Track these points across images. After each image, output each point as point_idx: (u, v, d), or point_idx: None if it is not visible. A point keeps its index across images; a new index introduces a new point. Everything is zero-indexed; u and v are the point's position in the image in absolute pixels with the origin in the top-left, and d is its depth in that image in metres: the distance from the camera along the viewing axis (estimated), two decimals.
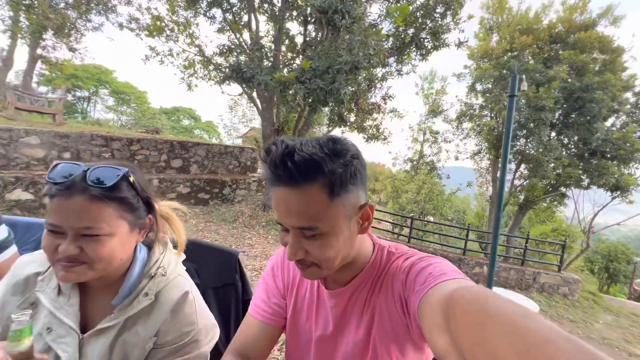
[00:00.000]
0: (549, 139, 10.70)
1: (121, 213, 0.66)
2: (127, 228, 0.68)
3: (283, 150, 0.51)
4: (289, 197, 0.53)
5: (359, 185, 0.57)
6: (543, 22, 11.79)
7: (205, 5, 6.81)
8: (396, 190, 16.36)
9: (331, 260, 0.58)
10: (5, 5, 9.84)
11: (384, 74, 7.11)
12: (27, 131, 6.33)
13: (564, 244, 8.87)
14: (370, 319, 0.64)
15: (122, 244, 0.68)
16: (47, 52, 10.56)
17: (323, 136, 0.56)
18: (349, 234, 0.58)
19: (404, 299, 0.57)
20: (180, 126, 32.38)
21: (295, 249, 0.57)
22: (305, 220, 0.54)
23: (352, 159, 0.55)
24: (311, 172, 0.51)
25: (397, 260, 0.65)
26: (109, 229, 0.64)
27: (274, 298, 0.80)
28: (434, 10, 5.90)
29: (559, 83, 10.05)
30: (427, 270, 0.54)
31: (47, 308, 0.69)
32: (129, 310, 0.70)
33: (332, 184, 0.52)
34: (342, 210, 0.55)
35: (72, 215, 0.61)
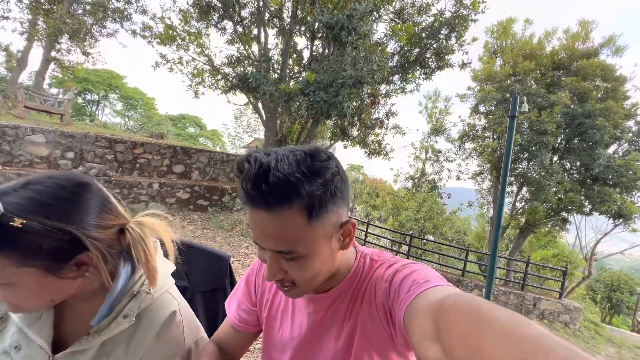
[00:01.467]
0: (551, 163, 10.72)
1: (20, 262, 0.52)
2: (39, 274, 0.54)
3: (257, 170, 0.47)
4: (264, 220, 0.49)
5: (339, 204, 0.54)
6: (546, 49, 12.05)
7: (217, 17, 7.03)
8: (397, 207, 16.28)
9: (311, 280, 0.56)
10: (25, 8, 10.22)
11: (387, 91, 7.23)
12: (33, 129, 6.43)
13: (565, 270, 8.72)
14: (352, 329, 0.62)
15: (35, 291, 0.56)
16: (61, 55, 10.86)
17: (301, 149, 0.51)
18: (329, 252, 0.56)
19: (388, 308, 0.55)
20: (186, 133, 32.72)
21: (274, 270, 0.54)
22: (282, 244, 0.51)
23: (332, 177, 0.51)
24: (287, 195, 0.47)
25: (380, 268, 0.63)
26: (8, 279, 0.53)
27: (243, 305, 0.80)
28: (438, 32, 6.05)
29: (561, 108, 10.16)
30: (411, 278, 0.52)
31: (17, 325, 0.62)
32: (106, 332, 0.61)
33: (311, 207, 0.49)
34: (321, 232, 0.52)
35: None
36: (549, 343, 0.25)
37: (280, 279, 0.56)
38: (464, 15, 5.84)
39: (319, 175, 0.49)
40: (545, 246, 16.33)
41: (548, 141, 9.97)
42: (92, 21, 10.88)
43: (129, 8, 10.91)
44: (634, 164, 10.28)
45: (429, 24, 6.34)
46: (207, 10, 6.79)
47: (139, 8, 10.67)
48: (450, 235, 17.72)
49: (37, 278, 0.54)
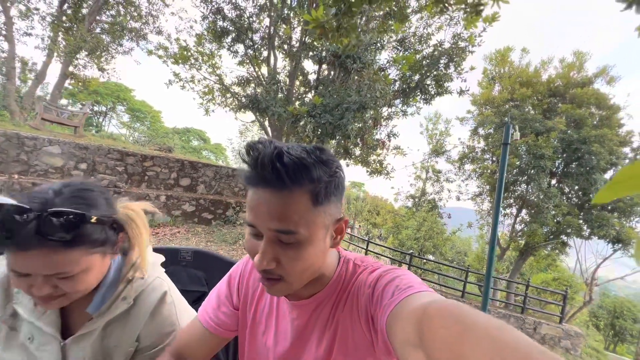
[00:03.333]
0: (549, 186, 10.91)
1: (90, 250, 0.63)
2: (99, 258, 0.66)
3: (272, 151, 0.49)
4: (273, 199, 0.50)
5: (339, 197, 0.56)
6: (542, 77, 12.52)
7: (229, 40, 7.48)
8: (397, 225, 16.35)
9: (301, 273, 0.56)
10: (47, 26, 10.81)
11: (389, 113, 7.56)
12: (50, 141, 6.72)
13: (566, 294, 8.70)
14: (332, 336, 0.61)
15: (97, 272, 0.66)
16: (77, 70, 11.37)
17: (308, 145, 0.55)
18: (323, 246, 0.56)
19: (370, 315, 0.55)
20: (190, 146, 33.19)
21: (267, 256, 0.53)
22: (286, 223, 0.51)
23: (337, 170, 0.54)
24: (300, 176, 0.49)
25: (363, 273, 0.62)
26: (80, 268, 0.61)
27: (224, 307, 0.77)
28: (438, 61, 6.44)
29: (558, 133, 10.47)
30: (394, 284, 0.52)
31: (26, 319, 0.69)
32: (107, 314, 0.69)
33: (318, 192, 0.51)
34: (322, 220, 0.54)
35: (37, 266, 0.57)
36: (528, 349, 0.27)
37: (269, 269, 0.54)
38: (462, 47, 6.25)
39: (327, 165, 0.53)
40: (545, 269, 16.23)
41: (545, 165, 10.21)
42: (110, 39, 11.46)
43: (145, 28, 11.52)
44: None
45: (429, 53, 6.75)
46: (221, 34, 7.24)
47: (155, 29, 11.26)
48: (451, 255, 17.67)
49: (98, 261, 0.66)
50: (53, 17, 10.70)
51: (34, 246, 0.55)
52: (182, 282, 1.50)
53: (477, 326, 0.31)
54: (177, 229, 7.46)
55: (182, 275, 1.54)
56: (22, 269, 0.57)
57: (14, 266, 0.57)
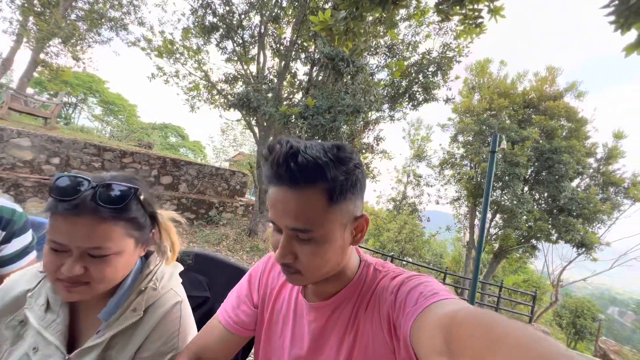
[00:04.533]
0: (522, 193, 11.52)
1: (129, 232, 0.65)
2: (133, 245, 0.67)
3: (287, 150, 0.51)
4: (288, 197, 0.52)
5: (357, 195, 0.56)
6: (518, 89, 13.23)
7: (218, 36, 7.29)
8: (378, 228, 16.61)
9: (318, 268, 0.57)
10: (16, 9, 10.06)
11: (377, 118, 7.68)
12: (19, 132, 6.24)
13: (535, 295, 9.17)
14: (352, 341, 0.60)
15: (126, 261, 0.67)
16: (49, 58, 10.66)
17: (328, 142, 0.56)
18: (341, 243, 0.56)
19: (393, 321, 0.53)
20: (167, 142, 32.06)
21: (286, 251, 0.55)
22: (301, 222, 0.52)
23: (354, 168, 0.54)
24: (313, 175, 0.51)
25: (384, 279, 0.61)
26: (116, 249, 0.62)
27: (244, 305, 0.77)
28: (426, 68, 6.62)
29: (531, 143, 11.09)
30: (418, 290, 0.51)
31: (35, 327, 0.67)
32: (116, 326, 0.67)
33: (332, 190, 0.52)
34: (339, 218, 0.54)
35: (80, 236, 0.58)
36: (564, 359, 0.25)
37: (288, 263, 0.56)
38: (450, 57, 6.47)
39: (343, 163, 0.53)
40: (516, 271, 17.06)
41: (520, 172, 10.78)
42: (87, 27, 10.85)
43: (126, 18, 11.01)
44: (594, 198, 11.26)
45: (418, 60, 6.93)
46: (209, 30, 7.05)
47: (136, 19, 10.79)
48: (429, 257, 18.17)
49: (131, 248, 0.67)
50: (23, 0, 9.97)
51: (86, 212, 0.58)
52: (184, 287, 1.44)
53: (509, 336, 0.30)
54: (185, 223, 7.17)
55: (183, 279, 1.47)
56: (65, 238, 0.58)
57: (56, 235, 0.59)
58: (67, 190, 0.59)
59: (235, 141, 21.84)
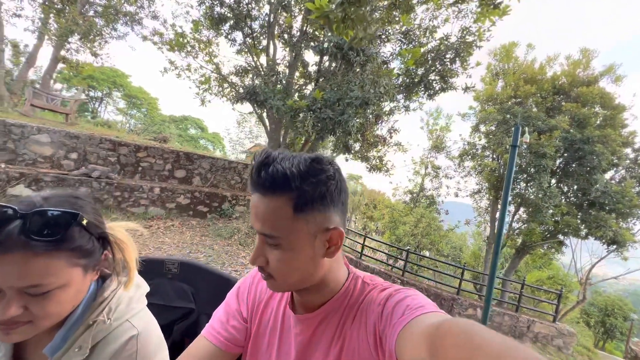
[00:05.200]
0: (549, 186, 10.83)
1: (73, 261, 0.56)
2: (81, 274, 0.58)
3: (262, 160, 0.54)
4: (259, 203, 0.55)
5: (329, 208, 0.57)
6: (547, 74, 12.29)
7: (227, 28, 7.17)
8: (394, 221, 16.30)
9: (286, 275, 0.58)
10: (37, 7, 10.37)
11: (391, 109, 7.35)
12: (39, 129, 6.46)
13: (560, 293, 8.73)
14: (338, 353, 0.60)
15: (75, 293, 0.58)
16: (70, 54, 10.97)
17: (307, 154, 0.57)
18: (311, 254, 0.57)
19: (379, 332, 0.54)
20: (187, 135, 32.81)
21: (258, 253, 0.58)
22: (268, 227, 0.55)
23: (326, 180, 0.55)
24: (280, 185, 0.53)
25: (372, 291, 0.62)
26: (59, 282, 0.54)
27: (234, 320, 0.74)
28: (444, 55, 6.20)
29: (560, 132, 10.33)
30: (405, 303, 0.52)
31: None
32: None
33: (297, 200, 0.54)
34: (304, 228, 0.55)
35: (10, 275, 0.50)
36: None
37: (261, 267, 0.59)
38: (469, 42, 6.00)
39: (313, 175, 0.54)
40: (540, 268, 16.34)
41: (547, 164, 10.10)
42: (103, 23, 11.04)
43: (140, 12, 11.10)
44: (630, 191, 10.40)
45: (435, 46, 6.50)
46: (218, 21, 6.93)
47: (150, 13, 10.85)
48: (447, 251, 17.72)
49: (79, 277, 0.58)
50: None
51: (15, 248, 0.50)
52: (168, 297, 1.36)
53: (490, 346, 0.31)
54: (171, 222, 7.30)
55: (168, 289, 1.39)
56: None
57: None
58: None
59: (251, 133, 21.98)
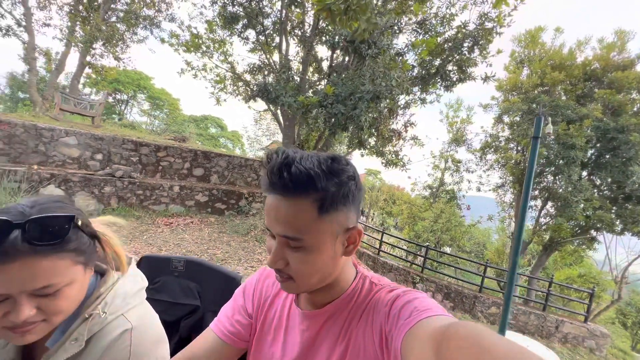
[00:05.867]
0: (579, 179, 10.20)
1: (75, 260, 0.59)
2: (82, 271, 0.62)
3: (282, 160, 0.53)
4: (280, 205, 0.54)
5: (350, 207, 0.57)
6: (577, 59, 11.50)
7: (240, 26, 7.22)
8: (413, 216, 15.97)
9: (309, 276, 0.58)
10: (65, 16, 10.92)
11: (407, 102, 7.14)
12: (67, 131, 6.83)
13: (592, 292, 8.24)
14: (343, 351, 0.60)
15: (80, 288, 0.62)
16: (94, 60, 11.50)
17: (325, 153, 0.57)
18: (332, 253, 0.58)
19: (385, 333, 0.54)
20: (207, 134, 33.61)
21: (277, 257, 0.57)
22: (291, 230, 0.54)
23: (347, 180, 0.55)
24: (304, 185, 0.52)
25: (380, 292, 0.62)
26: (66, 280, 0.57)
27: (239, 315, 0.76)
28: (461, 44, 5.92)
29: (592, 122, 9.67)
30: (412, 305, 0.52)
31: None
32: (56, 357, 0.60)
33: (323, 201, 0.53)
34: (329, 228, 0.55)
35: (21, 281, 0.52)
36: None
37: (280, 269, 0.58)
38: (489, 28, 5.69)
39: (336, 175, 0.54)
40: (570, 265, 15.49)
41: (576, 156, 9.50)
42: (125, 28, 11.46)
43: (158, 16, 11.43)
44: None
45: (452, 35, 6.23)
46: (231, 20, 6.99)
47: (167, 16, 11.14)
48: (469, 247, 17.17)
49: (81, 273, 0.62)
50: (70, 7, 10.77)
51: (21, 255, 0.51)
52: (174, 294, 1.39)
53: (497, 350, 0.31)
54: (190, 219, 7.52)
55: (174, 286, 1.43)
56: (3, 287, 0.51)
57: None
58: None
59: (268, 130, 22.20)
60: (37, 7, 10.47)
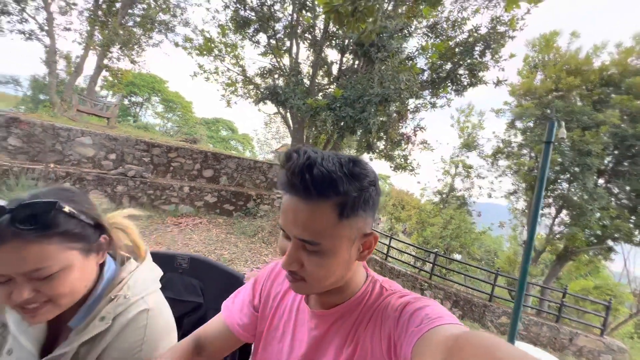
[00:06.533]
0: (595, 187, 9.89)
1: (67, 245, 0.62)
2: (80, 256, 0.64)
3: (304, 161, 0.51)
4: (300, 207, 0.53)
5: (369, 213, 0.56)
6: (594, 64, 11.22)
7: (252, 30, 7.34)
8: (422, 222, 15.75)
9: (322, 279, 0.58)
10: (84, 20, 11.33)
11: (417, 106, 7.10)
12: (83, 132, 7.04)
13: (609, 305, 7.93)
14: (350, 354, 0.60)
15: (80, 273, 0.64)
16: (111, 62, 11.85)
17: (346, 155, 0.56)
18: (347, 258, 0.57)
19: (394, 339, 0.53)
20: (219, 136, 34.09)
21: (292, 259, 0.56)
22: (309, 233, 0.53)
23: (368, 185, 0.54)
24: (326, 189, 0.51)
25: (390, 297, 0.61)
26: (60, 265, 0.60)
27: (246, 309, 0.79)
28: (473, 48, 5.86)
29: (609, 128, 9.39)
30: (424, 312, 0.51)
31: (12, 331, 0.68)
32: (84, 334, 0.65)
33: (344, 205, 0.52)
34: (347, 233, 0.55)
35: (12, 262, 0.56)
36: None
37: (294, 270, 0.57)
38: (501, 32, 5.61)
39: (357, 179, 0.53)
40: (586, 276, 14.98)
41: (592, 163, 9.23)
42: (141, 32, 11.80)
43: (173, 21, 11.73)
44: None
45: (463, 39, 6.17)
46: (243, 24, 7.11)
47: (182, 21, 11.42)
48: (479, 254, 16.81)
49: (79, 259, 0.64)
50: (90, 12, 11.17)
51: (8, 239, 0.55)
52: (177, 291, 1.40)
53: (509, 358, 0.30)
54: (199, 220, 7.62)
55: (178, 283, 1.44)
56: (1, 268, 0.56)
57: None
58: None
59: (277, 134, 22.39)
60: (58, 12, 10.89)
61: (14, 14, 10.25)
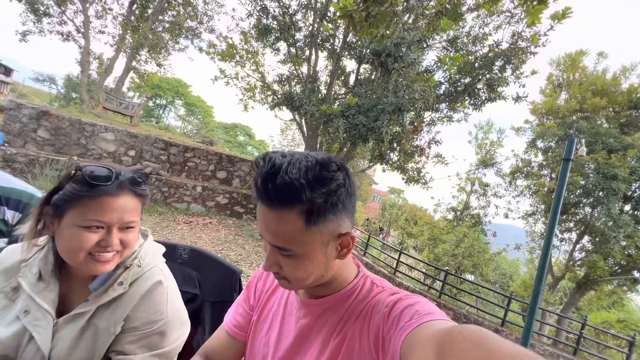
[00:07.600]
0: (621, 213, 9.39)
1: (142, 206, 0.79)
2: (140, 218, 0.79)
3: (268, 169, 0.51)
4: (268, 215, 0.53)
5: (340, 215, 0.55)
6: (622, 85, 10.83)
7: (273, 39, 7.54)
8: (434, 238, 15.36)
9: (301, 280, 0.59)
10: (118, 25, 11.99)
11: (433, 119, 7.02)
12: (106, 127, 7.35)
13: (633, 340, 7.38)
14: (337, 347, 0.60)
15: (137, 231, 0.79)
16: (139, 65, 12.42)
17: (314, 156, 0.54)
18: (324, 258, 0.57)
19: (382, 335, 0.53)
20: (236, 141, 34.79)
21: (270, 262, 0.58)
22: (279, 241, 0.54)
23: (337, 188, 0.53)
24: (290, 198, 0.50)
25: (381, 294, 0.61)
26: (138, 221, 0.76)
27: (241, 309, 0.81)
28: (492, 63, 5.77)
29: (637, 152, 8.96)
30: (414, 308, 0.51)
31: (27, 292, 0.72)
32: (103, 297, 0.73)
33: (310, 213, 0.52)
34: (318, 238, 0.54)
35: (121, 212, 0.70)
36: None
37: (275, 272, 0.60)
38: (522, 48, 5.52)
39: (323, 184, 0.51)
40: (609, 308, 14.09)
41: (618, 188, 8.80)
42: (169, 37, 12.35)
43: (199, 27, 12.23)
44: None
45: (483, 54, 6.11)
46: (265, 32, 7.32)
47: (208, 28, 11.89)
48: (494, 277, 16.16)
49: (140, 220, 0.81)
50: (123, 17, 11.82)
51: (127, 192, 0.72)
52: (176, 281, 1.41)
53: (502, 352, 0.31)
54: (209, 220, 7.72)
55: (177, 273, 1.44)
56: (107, 215, 0.68)
57: (98, 215, 0.68)
58: (102, 175, 0.69)
59: (293, 141, 22.64)
60: (95, 16, 11.58)
61: (54, 16, 10.98)
